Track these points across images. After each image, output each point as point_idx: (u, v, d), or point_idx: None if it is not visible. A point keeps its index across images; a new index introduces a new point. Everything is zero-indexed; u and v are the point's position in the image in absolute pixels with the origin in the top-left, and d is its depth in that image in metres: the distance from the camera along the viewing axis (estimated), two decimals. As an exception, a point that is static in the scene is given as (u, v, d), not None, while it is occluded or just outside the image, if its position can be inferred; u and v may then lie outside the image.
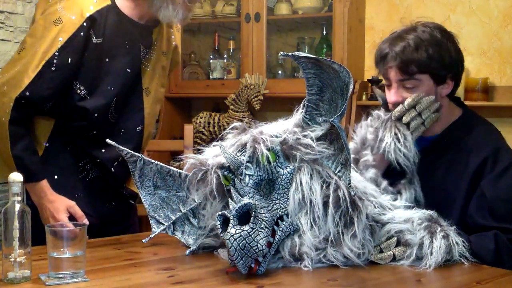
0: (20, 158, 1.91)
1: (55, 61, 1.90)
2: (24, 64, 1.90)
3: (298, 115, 1.63)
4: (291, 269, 1.55)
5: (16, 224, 1.42)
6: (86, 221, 1.91)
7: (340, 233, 1.56)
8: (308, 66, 1.55)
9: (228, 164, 1.59)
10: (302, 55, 1.54)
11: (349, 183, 1.53)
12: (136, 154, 1.78)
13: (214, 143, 1.67)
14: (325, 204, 1.57)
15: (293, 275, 1.52)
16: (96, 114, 1.99)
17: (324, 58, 1.56)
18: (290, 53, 1.52)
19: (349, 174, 1.53)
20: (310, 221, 1.57)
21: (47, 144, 2.02)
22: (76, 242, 1.44)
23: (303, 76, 1.59)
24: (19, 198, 1.43)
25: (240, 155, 1.59)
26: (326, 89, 1.58)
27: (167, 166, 1.82)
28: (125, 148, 1.78)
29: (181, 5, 2.01)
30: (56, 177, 2.01)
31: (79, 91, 1.97)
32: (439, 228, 1.58)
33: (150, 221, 1.80)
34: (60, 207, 1.96)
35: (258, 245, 1.43)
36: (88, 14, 1.93)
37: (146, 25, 2.10)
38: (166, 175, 1.81)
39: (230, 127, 1.68)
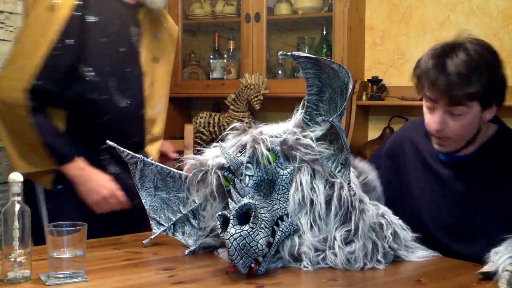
0: (51, 145, 1.95)
1: (59, 45, 1.92)
2: (27, 55, 1.92)
3: (297, 115, 1.63)
4: (291, 269, 1.55)
5: (16, 224, 1.42)
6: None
7: (341, 232, 1.56)
8: (308, 66, 1.55)
9: (228, 165, 1.59)
10: (302, 55, 1.54)
11: (349, 183, 1.53)
12: (136, 155, 1.77)
13: (214, 144, 1.67)
14: (327, 204, 1.57)
15: (293, 275, 1.52)
16: (103, 96, 2.01)
17: (323, 58, 1.56)
18: (289, 53, 1.52)
19: (349, 174, 1.53)
20: (310, 221, 1.57)
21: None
22: (76, 242, 1.44)
23: (302, 76, 1.59)
24: (19, 198, 1.43)
25: (240, 155, 1.59)
26: (325, 89, 1.58)
27: (168, 168, 1.82)
28: (125, 150, 1.78)
29: None
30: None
31: (86, 73, 1.98)
32: None
33: (151, 222, 1.81)
34: (106, 177, 2.02)
35: (258, 245, 1.43)
36: None
37: (132, 5, 2.12)
38: (167, 176, 1.81)
39: (230, 127, 1.68)
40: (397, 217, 1.67)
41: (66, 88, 1.98)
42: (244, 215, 1.46)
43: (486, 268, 1.47)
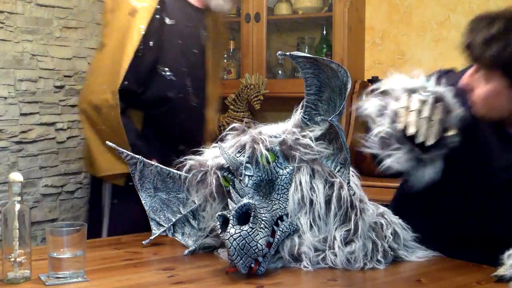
0: (135, 145, 2.04)
1: (141, 46, 2.03)
2: (114, 58, 2.03)
3: (297, 115, 1.63)
4: (291, 269, 1.55)
5: (16, 224, 1.42)
6: None
7: (341, 232, 1.56)
8: (306, 66, 1.55)
9: (228, 165, 1.59)
10: (300, 54, 1.54)
11: (349, 183, 1.53)
12: (136, 156, 1.77)
13: (214, 144, 1.67)
14: (326, 204, 1.58)
15: (293, 275, 1.52)
16: (179, 95, 2.12)
17: (322, 57, 1.56)
18: (287, 53, 1.52)
19: (348, 174, 1.53)
20: (310, 221, 1.57)
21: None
22: (76, 242, 1.44)
23: (301, 76, 1.59)
24: (19, 198, 1.44)
25: (240, 155, 1.59)
26: (324, 88, 1.58)
27: (167, 168, 1.82)
28: (124, 150, 1.78)
29: None
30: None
31: (165, 73, 2.09)
32: None
33: (151, 223, 1.80)
34: None
35: (258, 245, 1.43)
36: None
37: (201, 9, 2.24)
38: (166, 177, 1.81)
39: (229, 127, 1.68)
40: (397, 217, 1.67)
41: (146, 88, 2.08)
42: (244, 215, 1.46)
43: (501, 271, 1.45)
